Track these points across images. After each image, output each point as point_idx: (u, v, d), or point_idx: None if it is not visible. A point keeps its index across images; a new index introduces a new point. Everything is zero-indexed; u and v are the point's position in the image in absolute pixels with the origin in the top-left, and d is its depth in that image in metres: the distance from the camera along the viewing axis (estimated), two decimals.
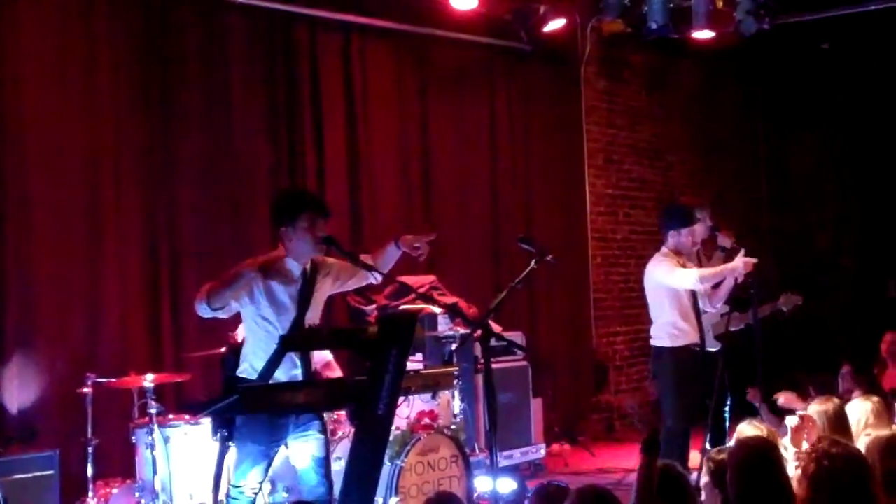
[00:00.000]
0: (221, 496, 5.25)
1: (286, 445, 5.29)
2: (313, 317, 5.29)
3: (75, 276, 7.36)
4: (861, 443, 4.71)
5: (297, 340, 4.91)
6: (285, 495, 6.40)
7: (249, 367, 5.16)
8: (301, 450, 5.25)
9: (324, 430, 5.34)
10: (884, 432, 4.58)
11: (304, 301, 5.22)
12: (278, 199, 5.72)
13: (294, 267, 5.22)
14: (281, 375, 5.10)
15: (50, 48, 7.35)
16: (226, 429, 4.81)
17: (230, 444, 4.91)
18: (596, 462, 9.42)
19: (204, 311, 5.10)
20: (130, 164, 7.69)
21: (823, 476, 3.88)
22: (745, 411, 5.70)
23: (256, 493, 5.27)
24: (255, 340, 5.18)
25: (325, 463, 5.26)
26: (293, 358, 5.14)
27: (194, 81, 8.06)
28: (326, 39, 8.94)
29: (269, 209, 5.51)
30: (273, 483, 6.36)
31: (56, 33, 7.40)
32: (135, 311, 7.62)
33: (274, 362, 5.06)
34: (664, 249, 7.28)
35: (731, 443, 5.37)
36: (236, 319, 5.60)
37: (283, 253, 5.24)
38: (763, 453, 3.98)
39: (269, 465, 5.27)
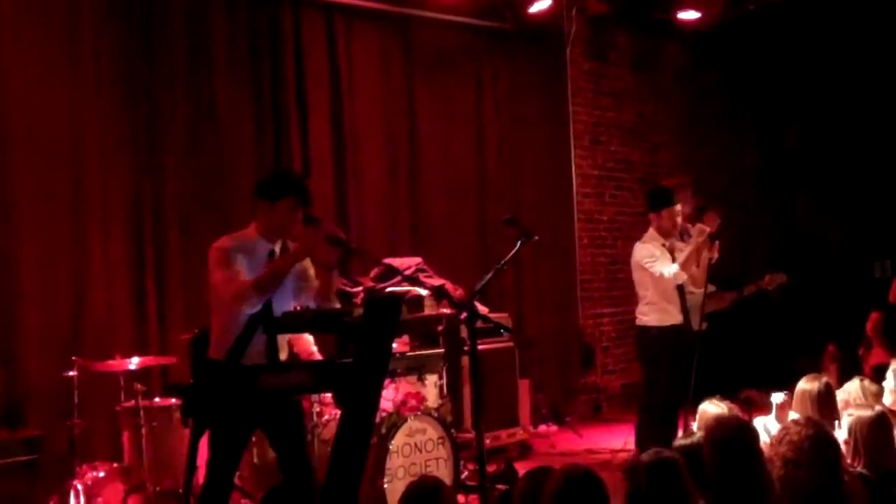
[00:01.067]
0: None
1: (263, 429, 5.26)
2: (283, 301, 5.17)
3: (60, 259, 7.35)
4: (844, 421, 4.74)
5: (281, 323, 4.88)
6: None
7: (220, 349, 4.99)
8: (278, 433, 5.21)
9: (300, 413, 5.31)
10: (866, 412, 4.61)
11: None
12: (270, 174, 5.65)
13: (262, 245, 5.15)
14: (254, 361, 4.95)
15: (32, 28, 7.31)
16: (197, 414, 4.77)
17: (202, 429, 4.88)
18: (583, 443, 9.43)
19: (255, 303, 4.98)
20: (114, 146, 7.67)
21: (791, 455, 3.92)
22: (712, 391, 5.74)
23: (232, 478, 5.26)
24: (225, 321, 5.07)
25: (303, 446, 5.22)
26: (264, 343, 5.04)
27: (178, 63, 8.03)
28: (310, 20, 8.91)
29: (257, 183, 5.42)
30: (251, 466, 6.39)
31: (38, 14, 7.36)
32: (120, 293, 7.61)
33: (242, 343, 4.96)
34: (650, 231, 7.36)
35: (694, 424, 5.45)
36: None
37: (254, 230, 5.17)
38: (740, 430, 4.00)
39: (244, 448, 5.24)
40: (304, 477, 5.09)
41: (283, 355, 5.23)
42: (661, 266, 7.15)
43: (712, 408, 5.29)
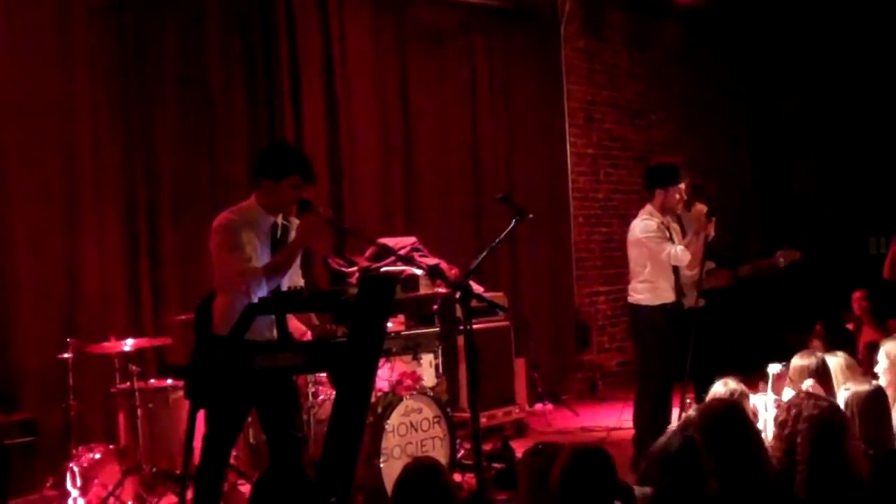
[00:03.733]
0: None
1: (257, 407, 5.26)
2: (294, 274, 5.26)
3: (54, 241, 7.31)
4: (840, 396, 4.74)
5: (275, 303, 4.86)
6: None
7: (227, 325, 4.95)
8: (270, 412, 5.21)
9: (296, 392, 5.31)
10: (863, 387, 4.61)
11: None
12: (272, 150, 5.62)
13: (265, 218, 5.16)
14: (256, 336, 4.94)
15: (23, 8, 7.25)
16: (200, 390, 4.78)
17: (199, 406, 4.88)
18: (579, 421, 9.44)
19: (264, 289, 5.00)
20: (107, 129, 7.61)
21: (794, 423, 3.92)
22: (723, 368, 5.73)
23: (228, 456, 5.27)
24: (234, 298, 5.06)
25: (292, 426, 5.20)
26: (271, 317, 5.05)
27: (170, 40, 7.96)
28: (303, 1, 8.85)
29: (260, 156, 5.42)
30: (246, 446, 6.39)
31: None
32: (114, 275, 7.57)
33: (246, 318, 4.96)
34: (649, 207, 7.26)
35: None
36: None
37: (255, 203, 5.17)
38: (726, 410, 4.00)
39: (241, 425, 5.24)
40: (292, 457, 5.09)
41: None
42: (667, 245, 7.09)
43: (721, 388, 5.23)
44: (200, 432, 5.12)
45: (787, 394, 5.49)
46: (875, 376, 5.48)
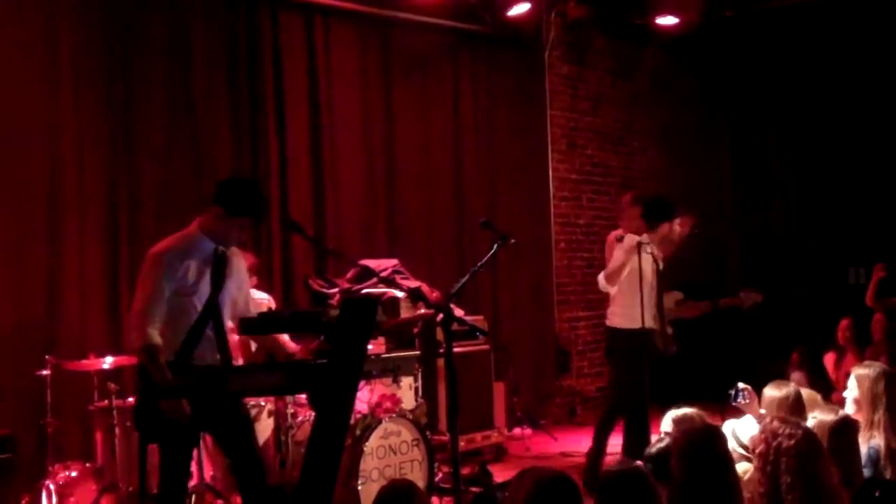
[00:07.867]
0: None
1: (213, 434, 5.25)
2: (230, 300, 5.27)
3: (34, 257, 7.29)
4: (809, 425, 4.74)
5: (256, 324, 4.87)
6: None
7: (169, 350, 4.99)
8: (227, 438, 5.20)
9: (248, 416, 5.31)
10: (828, 416, 4.61)
11: (218, 278, 5.18)
12: (238, 184, 5.64)
13: (206, 244, 5.18)
14: (198, 361, 5.00)
15: (9, 23, 7.25)
16: (149, 421, 4.76)
17: (149, 440, 4.88)
18: (557, 446, 9.45)
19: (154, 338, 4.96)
20: (90, 147, 7.62)
21: (775, 455, 3.91)
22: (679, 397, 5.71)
23: (186, 482, 5.25)
24: (172, 322, 5.06)
25: (254, 449, 5.20)
26: (213, 342, 5.07)
27: (156, 62, 7.99)
28: (289, 21, 8.89)
29: (222, 184, 5.42)
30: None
31: (16, 10, 7.31)
32: (94, 293, 7.56)
33: (191, 339, 4.99)
34: (646, 237, 7.34)
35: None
36: None
37: (197, 229, 5.20)
38: (708, 436, 3.99)
39: (192, 452, 5.23)
40: (257, 481, 5.09)
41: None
42: (602, 283, 7.47)
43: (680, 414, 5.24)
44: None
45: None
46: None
